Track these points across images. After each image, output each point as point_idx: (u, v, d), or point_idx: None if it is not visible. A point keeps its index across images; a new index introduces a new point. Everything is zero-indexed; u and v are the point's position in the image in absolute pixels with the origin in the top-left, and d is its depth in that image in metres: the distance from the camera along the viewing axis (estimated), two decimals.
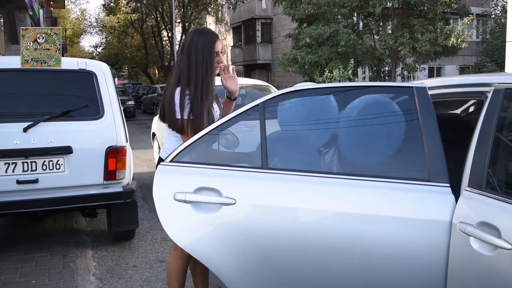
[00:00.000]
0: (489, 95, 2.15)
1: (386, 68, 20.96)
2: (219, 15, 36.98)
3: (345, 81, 15.92)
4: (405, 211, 2.05)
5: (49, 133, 4.07)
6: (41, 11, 20.13)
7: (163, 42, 36.92)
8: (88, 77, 4.37)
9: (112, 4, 35.36)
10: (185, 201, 2.21)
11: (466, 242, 1.92)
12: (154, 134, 8.98)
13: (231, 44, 35.38)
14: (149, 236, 5.06)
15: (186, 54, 2.72)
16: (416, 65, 18.81)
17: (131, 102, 23.67)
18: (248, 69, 32.91)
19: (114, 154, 4.21)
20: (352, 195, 2.12)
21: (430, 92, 2.37)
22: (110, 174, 4.22)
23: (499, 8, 26.84)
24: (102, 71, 4.44)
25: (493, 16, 27.49)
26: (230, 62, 35.21)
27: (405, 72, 20.60)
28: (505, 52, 11.77)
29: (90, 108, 4.29)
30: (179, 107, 2.61)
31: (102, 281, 3.96)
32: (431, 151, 2.08)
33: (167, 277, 2.86)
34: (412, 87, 2.22)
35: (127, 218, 4.61)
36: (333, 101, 2.40)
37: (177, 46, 31.57)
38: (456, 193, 2.05)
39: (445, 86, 2.53)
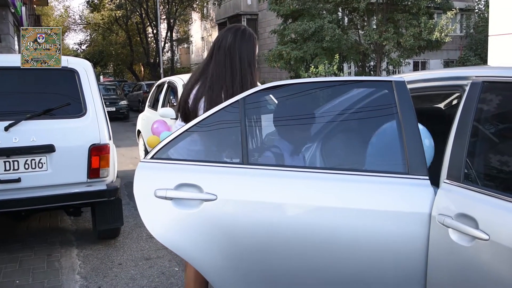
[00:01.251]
0: (467, 88, 2.17)
1: (372, 63, 21.06)
2: (204, 11, 36.86)
3: (331, 76, 15.96)
4: (385, 204, 2.07)
5: (31, 131, 4.03)
6: (23, 8, 19.88)
7: (148, 39, 36.75)
8: (70, 75, 4.34)
9: (96, 1, 35.07)
10: (166, 198, 2.20)
11: (445, 234, 1.94)
12: (139, 132, 8.94)
13: None
14: (135, 234, 5.05)
15: (226, 54, 2.55)
16: (401, 60, 18.94)
17: (124, 102, 21.12)
18: None
19: (98, 152, 4.18)
20: (332, 189, 2.13)
21: (409, 86, 2.39)
22: (93, 172, 4.20)
23: (482, 2, 27.07)
24: (84, 69, 4.40)
25: (477, 10, 27.72)
26: None
27: (390, 67, 20.72)
28: (488, 46, 11.88)
29: (73, 106, 4.25)
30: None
31: (87, 279, 3.94)
32: (410, 145, 2.09)
33: None
34: (391, 81, 2.23)
35: (111, 216, 4.59)
36: (312, 96, 2.41)
37: (162, 43, 31.44)
38: (437, 186, 2.08)
39: (424, 80, 2.55)
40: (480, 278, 1.84)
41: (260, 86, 2.30)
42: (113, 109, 19.69)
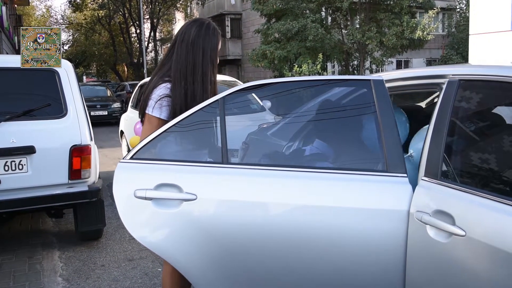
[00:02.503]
0: (444, 86, 2.20)
1: (355, 62, 21.19)
2: (188, 11, 36.73)
3: (314, 76, 16.01)
4: (364, 202, 2.09)
5: (11, 133, 3.98)
6: (4, 8, 19.61)
7: (132, 39, 36.49)
8: (51, 75, 4.29)
9: (78, 0, 34.74)
10: (145, 198, 2.20)
11: (422, 230, 1.97)
12: (122, 132, 8.89)
13: None
14: (118, 235, 5.01)
15: (189, 49, 2.50)
16: (384, 59, 19.08)
17: (117, 105, 18.31)
18: (218, 65, 32.54)
19: (79, 153, 4.15)
20: (312, 188, 2.14)
21: (388, 84, 2.41)
22: (74, 173, 4.17)
23: (464, 1, 27.36)
24: (65, 69, 4.36)
25: (458, 9, 28.01)
26: None
27: (374, 66, 20.86)
28: (469, 45, 12.02)
29: (53, 107, 4.21)
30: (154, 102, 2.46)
31: (69, 281, 3.91)
32: (388, 143, 2.11)
33: None
34: (369, 80, 2.25)
35: (93, 218, 4.56)
36: (292, 95, 2.42)
37: (145, 43, 31.27)
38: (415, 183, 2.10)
39: (403, 79, 2.58)
40: (457, 273, 1.87)
41: (239, 86, 2.30)
42: (105, 113, 17.35)
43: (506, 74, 2.02)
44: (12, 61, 4.27)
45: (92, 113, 15.68)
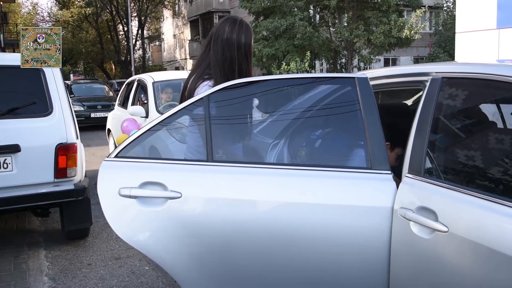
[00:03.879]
0: (427, 84, 2.21)
1: (343, 60, 21.26)
2: (176, 9, 36.61)
3: (302, 73, 16.05)
4: (349, 198, 2.10)
5: None
6: None
7: (119, 37, 36.29)
8: (36, 73, 4.26)
9: None
10: (130, 196, 2.19)
11: (406, 227, 1.98)
12: (109, 131, 8.84)
13: (189, 38, 35.09)
14: (104, 234, 4.99)
15: (225, 45, 2.53)
16: (371, 57, 19.18)
17: None
18: None
19: (64, 151, 4.13)
20: (296, 185, 2.15)
21: (373, 82, 2.43)
22: (60, 172, 4.14)
23: (451, 0, 27.55)
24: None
25: (445, 8, 28.20)
26: (188, 56, 34.96)
27: (361, 64, 20.95)
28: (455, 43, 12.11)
29: (38, 105, 4.19)
30: None
31: (56, 281, 3.89)
32: (372, 140, 2.13)
33: None
34: (354, 77, 2.26)
35: (80, 216, 4.54)
36: (278, 93, 2.42)
37: (133, 40, 31.11)
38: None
39: (387, 76, 2.59)
40: (440, 269, 1.89)
41: (223, 84, 2.30)
42: (106, 114, 16.78)
43: (487, 72, 2.04)
44: None
45: (92, 115, 15.29)
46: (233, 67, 2.53)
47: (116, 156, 2.28)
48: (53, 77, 4.28)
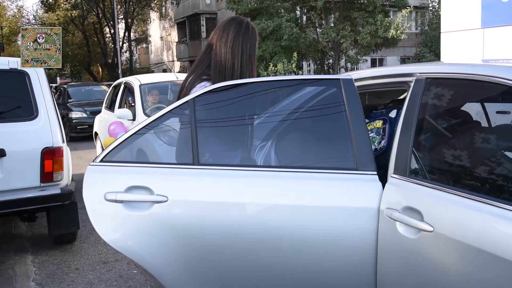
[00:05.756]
0: (412, 84, 2.23)
1: (330, 61, 21.33)
2: (163, 11, 36.49)
3: (289, 75, 16.09)
4: (335, 200, 2.11)
5: None
6: None
7: (106, 39, 36.09)
8: (20, 77, 4.23)
9: (50, 0, 34.20)
10: (116, 201, 2.17)
11: (392, 227, 1.99)
12: (96, 134, 8.78)
13: (176, 40, 35.00)
14: (92, 238, 4.95)
15: (228, 48, 2.46)
16: (358, 57, 19.26)
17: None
18: None
19: (51, 155, 4.09)
20: (283, 187, 2.15)
21: (358, 83, 2.44)
22: (46, 176, 4.11)
23: (436, 0, 27.76)
24: (35, 71, 4.29)
25: (431, 8, 28.42)
26: (175, 59, 34.87)
27: (349, 64, 21.04)
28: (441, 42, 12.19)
29: (24, 109, 4.16)
30: None
31: (43, 286, 3.86)
32: (358, 141, 2.13)
33: None
34: (339, 79, 2.27)
35: (67, 221, 4.50)
36: (264, 96, 2.42)
37: (120, 43, 30.96)
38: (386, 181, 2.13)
39: (372, 77, 2.60)
40: (426, 268, 1.90)
41: (209, 87, 2.29)
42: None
43: (471, 72, 2.06)
44: None
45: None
46: (235, 71, 2.46)
47: (101, 161, 2.26)
48: (38, 80, 4.25)
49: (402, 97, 3.38)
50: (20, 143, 4.05)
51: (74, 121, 13.49)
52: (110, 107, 8.11)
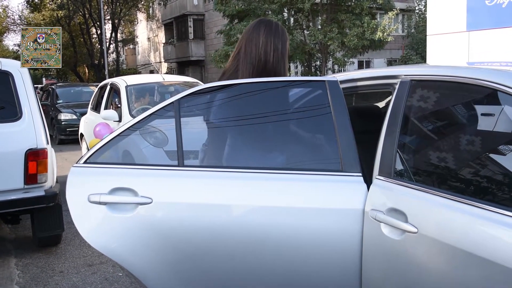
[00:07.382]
0: (397, 86, 2.24)
1: (317, 63, 21.38)
2: (150, 12, 36.34)
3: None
4: (320, 201, 2.11)
5: None
6: None
7: (92, 40, 35.84)
8: (4, 77, 4.18)
9: (36, 0, 33.89)
10: (100, 203, 2.15)
11: (377, 228, 2.00)
12: (82, 135, 8.72)
13: (163, 41, 34.85)
14: (77, 240, 4.91)
15: (259, 48, 2.46)
16: (345, 59, 19.33)
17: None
18: (182, 66, 32.57)
19: (35, 157, 4.05)
20: (268, 189, 2.15)
21: (344, 85, 2.44)
22: (30, 178, 4.06)
23: (422, 3, 27.97)
24: (19, 71, 4.25)
25: (417, 10, 28.63)
26: (163, 60, 34.74)
27: (336, 66, 21.10)
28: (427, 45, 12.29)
29: (7, 110, 4.12)
30: None
31: None
32: (343, 143, 2.14)
33: None
34: (324, 81, 2.27)
35: (51, 223, 4.47)
36: (249, 97, 2.41)
37: (107, 44, 30.79)
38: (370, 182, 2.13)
39: (358, 79, 2.61)
40: (410, 269, 1.91)
41: (194, 88, 2.28)
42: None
43: (455, 75, 2.08)
44: None
45: None
46: (268, 70, 2.47)
47: (85, 162, 2.24)
48: (22, 81, 4.20)
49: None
50: (3, 144, 4.00)
51: (63, 123, 13.07)
52: (96, 108, 8.05)
